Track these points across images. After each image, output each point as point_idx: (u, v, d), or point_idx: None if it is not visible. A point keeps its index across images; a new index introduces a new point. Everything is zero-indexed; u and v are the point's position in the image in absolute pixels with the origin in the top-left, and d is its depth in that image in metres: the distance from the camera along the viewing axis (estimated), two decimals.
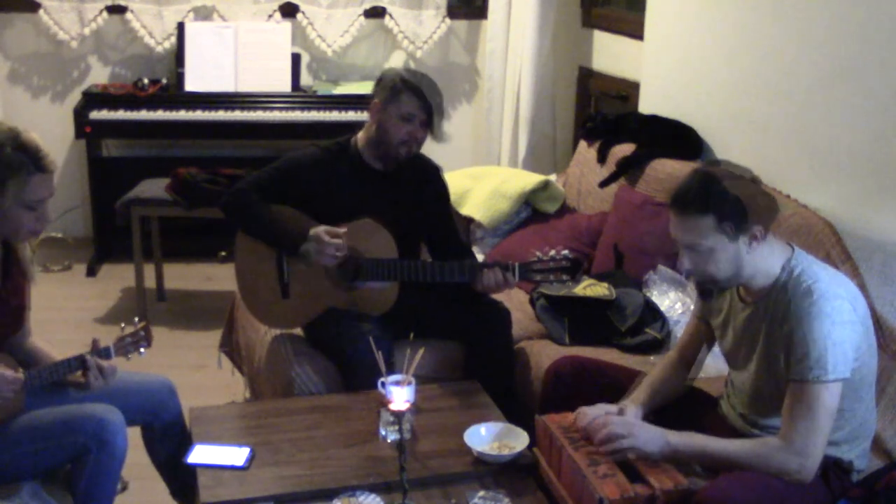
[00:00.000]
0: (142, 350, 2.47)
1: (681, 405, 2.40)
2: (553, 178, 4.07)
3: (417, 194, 2.97)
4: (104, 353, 2.39)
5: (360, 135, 2.94)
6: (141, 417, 2.51)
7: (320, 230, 2.76)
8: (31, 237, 2.31)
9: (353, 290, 2.88)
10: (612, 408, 2.27)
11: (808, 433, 2.01)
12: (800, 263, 2.12)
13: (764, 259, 2.12)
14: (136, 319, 2.50)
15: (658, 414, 2.35)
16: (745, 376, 2.24)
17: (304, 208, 2.89)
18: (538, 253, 2.75)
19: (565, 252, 2.73)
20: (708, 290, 2.21)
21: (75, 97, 5.03)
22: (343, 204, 2.88)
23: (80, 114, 4.75)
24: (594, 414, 2.24)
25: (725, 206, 2.05)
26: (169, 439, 2.56)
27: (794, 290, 2.08)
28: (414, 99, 2.81)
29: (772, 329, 2.13)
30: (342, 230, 2.77)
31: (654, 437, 2.13)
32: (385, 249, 2.84)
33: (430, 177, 3.04)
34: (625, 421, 2.17)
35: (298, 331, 3.04)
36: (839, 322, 2.01)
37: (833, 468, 2.10)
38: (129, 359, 2.47)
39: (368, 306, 2.89)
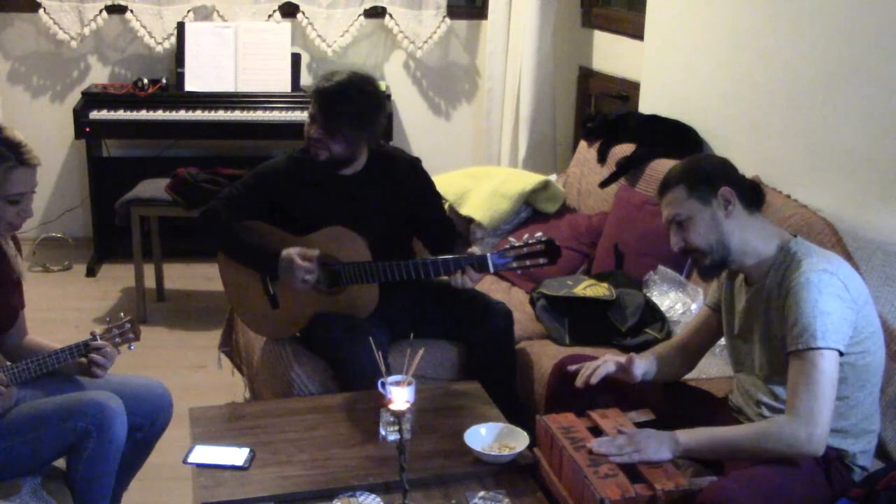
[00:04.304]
0: (131, 346, 2.47)
1: (687, 407, 2.41)
2: (553, 178, 4.07)
3: (393, 191, 2.95)
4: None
5: None
6: (138, 420, 2.50)
7: (292, 252, 2.76)
8: (11, 231, 2.34)
9: (336, 296, 2.88)
10: (620, 357, 2.36)
11: (810, 400, 2.02)
12: (797, 245, 2.20)
13: (754, 235, 2.22)
14: (122, 314, 2.51)
15: (661, 416, 2.35)
16: (752, 356, 2.27)
17: (279, 217, 2.90)
18: (511, 238, 2.73)
19: (539, 234, 2.71)
20: (705, 267, 2.27)
21: (75, 97, 5.03)
22: (314, 207, 2.89)
23: (79, 114, 4.75)
24: (603, 368, 2.33)
25: (693, 174, 2.25)
26: (147, 447, 2.56)
27: (788, 266, 2.16)
28: (313, 99, 2.82)
29: (769, 306, 2.19)
30: (314, 252, 2.77)
31: (663, 445, 2.13)
32: (358, 253, 2.83)
33: (407, 169, 3.00)
34: (631, 435, 2.17)
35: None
36: (826, 293, 2.06)
37: (836, 462, 2.11)
38: (119, 352, 2.48)
39: (353, 309, 2.89)
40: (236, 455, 2.32)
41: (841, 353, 2.06)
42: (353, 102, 2.80)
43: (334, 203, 2.89)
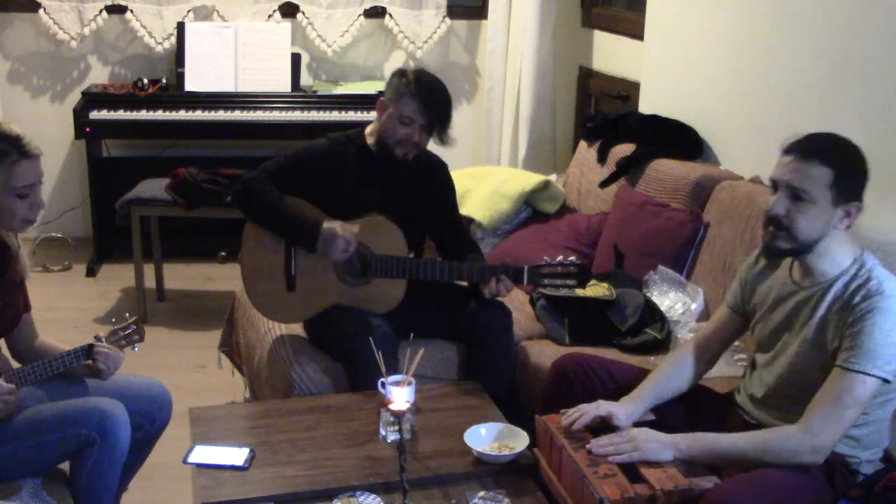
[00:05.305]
0: (135, 347, 2.47)
1: (690, 406, 2.40)
2: (553, 178, 4.07)
3: (423, 189, 2.98)
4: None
5: (369, 129, 2.96)
6: (137, 419, 2.51)
7: (335, 224, 2.76)
8: (27, 225, 2.33)
9: (360, 287, 2.88)
10: (601, 412, 2.26)
11: (828, 420, 2.02)
12: (870, 261, 2.14)
13: (837, 244, 2.14)
14: (127, 315, 2.51)
15: (663, 415, 2.35)
16: (781, 361, 2.21)
17: (313, 199, 2.90)
18: (546, 258, 2.76)
19: (573, 258, 2.77)
20: (780, 249, 2.15)
21: (75, 97, 5.03)
22: (349, 196, 2.89)
23: (79, 114, 4.75)
24: (590, 413, 2.24)
25: (848, 169, 2.08)
26: (147, 446, 2.56)
27: (864, 284, 2.09)
28: (414, 103, 2.81)
29: (827, 316, 2.12)
30: (355, 226, 2.78)
31: (662, 447, 2.13)
32: (395, 246, 2.84)
33: (436, 172, 3.05)
34: (630, 435, 2.16)
35: (299, 331, 3.04)
36: None
37: (840, 468, 2.10)
38: (124, 354, 2.48)
39: (373, 304, 2.88)
40: (236, 455, 2.32)
41: (887, 381, 2.03)
42: (448, 104, 2.90)
43: (370, 191, 2.90)
